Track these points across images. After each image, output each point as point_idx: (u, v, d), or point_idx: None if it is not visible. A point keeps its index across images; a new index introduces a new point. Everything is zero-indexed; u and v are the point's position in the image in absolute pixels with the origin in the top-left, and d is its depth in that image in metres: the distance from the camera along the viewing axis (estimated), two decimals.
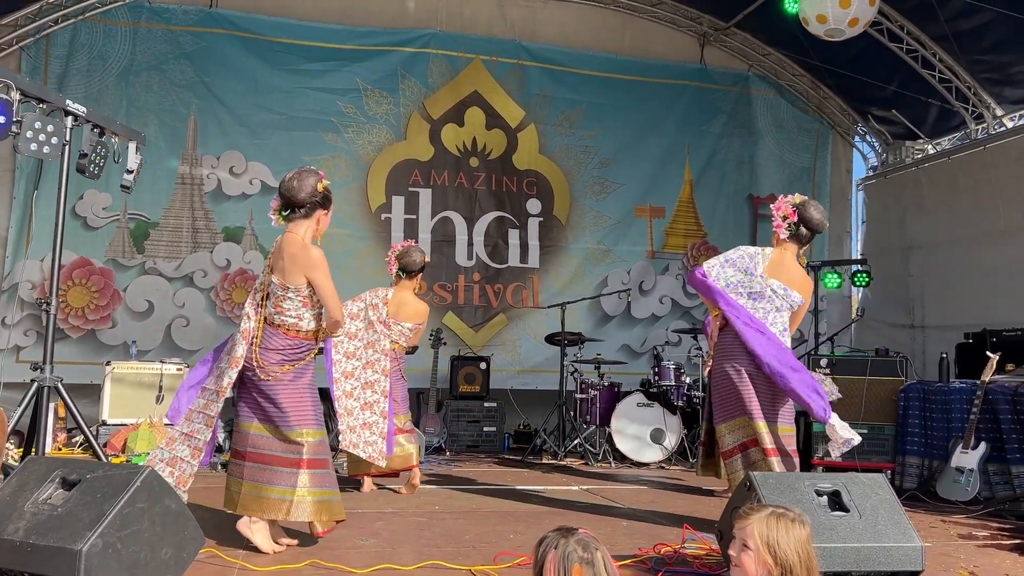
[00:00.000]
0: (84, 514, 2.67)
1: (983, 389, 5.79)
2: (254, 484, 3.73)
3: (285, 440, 3.78)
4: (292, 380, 3.83)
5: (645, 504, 5.36)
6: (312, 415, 3.85)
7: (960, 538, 4.50)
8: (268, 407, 3.83)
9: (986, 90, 8.73)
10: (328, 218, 4.02)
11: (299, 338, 3.88)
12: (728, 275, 4.69)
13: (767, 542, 2.43)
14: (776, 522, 2.44)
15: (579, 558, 2.06)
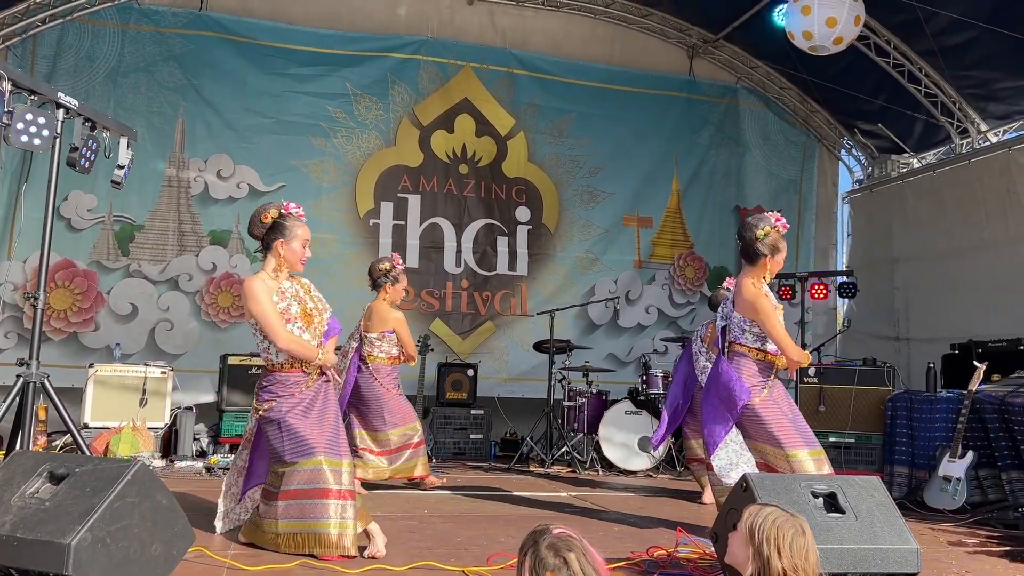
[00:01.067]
0: (73, 508, 2.61)
1: (970, 399, 5.82)
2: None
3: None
4: (277, 418, 3.75)
5: (635, 510, 5.34)
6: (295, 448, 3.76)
7: (950, 545, 4.51)
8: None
9: (971, 105, 8.83)
10: (291, 245, 3.85)
11: (279, 372, 3.82)
12: None
13: (750, 526, 2.42)
14: (769, 513, 2.43)
15: (551, 565, 2.02)
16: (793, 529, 2.40)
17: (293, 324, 3.81)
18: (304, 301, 3.92)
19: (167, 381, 7.13)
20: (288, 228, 3.88)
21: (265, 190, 8.65)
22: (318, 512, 3.56)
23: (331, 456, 3.68)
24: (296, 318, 3.82)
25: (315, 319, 3.90)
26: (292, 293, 3.88)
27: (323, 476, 3.61)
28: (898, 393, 6.79)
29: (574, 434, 7.73)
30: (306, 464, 3.64)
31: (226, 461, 6.53)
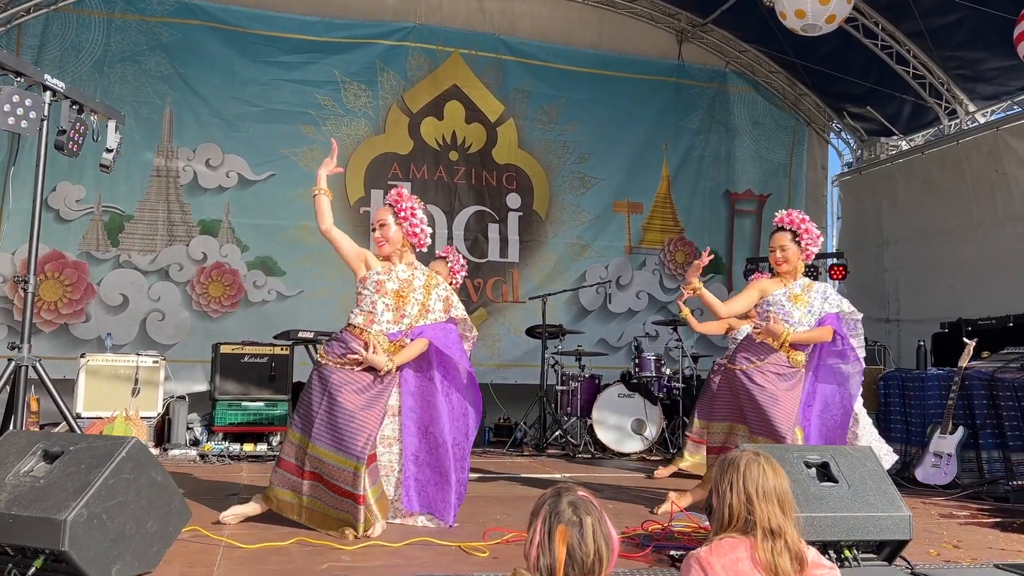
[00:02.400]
0: (68, 484, 2.60)
1: (960, 375, 5.86)
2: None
3: None
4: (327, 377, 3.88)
5: (629, 488, 5.36)
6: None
7: (942, 517, 4.54)
8: None
9: (959, 86, 8.87)
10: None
11: (346, 331, 3.94)
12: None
13: (717, 472, 2.46)
14: (730, 454, 2.47)
15: (567, 519, 2.03)
16: (748, 460, 2.42)
17: (383, 297, 3.83)
18: (408, 286, 3.89)
19: (159, 370, 7.09)
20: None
21: (254, 179, 8.63)
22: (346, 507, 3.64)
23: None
24: (387, 293, 3.84)
25: (407, 306, 3.87)
26: (400, 275, 3.89)
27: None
28: (889, 372, 6.83)
29: (567, 418, 7.75)
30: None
31: (220, 449, 6.53)
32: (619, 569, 2.97)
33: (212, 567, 2.91)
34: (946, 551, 3.57)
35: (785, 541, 2.33)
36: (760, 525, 2.34)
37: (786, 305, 4.40)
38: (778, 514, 2.36)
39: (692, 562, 2.41)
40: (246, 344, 7.28)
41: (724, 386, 4.59)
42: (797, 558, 2.34)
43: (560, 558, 1.96)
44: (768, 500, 2.36)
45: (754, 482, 2.38)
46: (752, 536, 2.36)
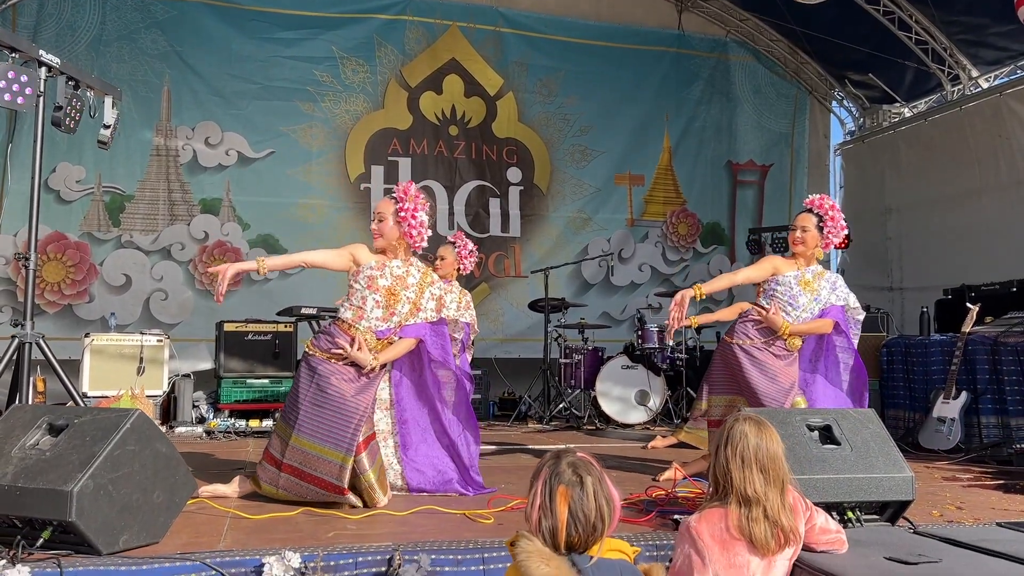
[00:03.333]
0: (74, 456, 2.62)
1: (964, 340, 5.86)
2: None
3: None
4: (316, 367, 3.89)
5: (633, 458, 5.38)
6: None
7: (945, 480, 4.56)
8: None
9: (962, 51, 8.79)
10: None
11: (336, 325, 3.92)
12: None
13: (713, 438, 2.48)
14: (729, 420, 2.48)
15: (567, 480, 2.04)
16: (732, 424, 2.43)
17: (373, 293, 3.79)
18: (401, 283, 3.85)
19: (164, 349, 7.12)
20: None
21: (254, 156, 8.61)
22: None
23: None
24: (379, 290, 3.80)
25: (398, 304, 3.83)
26: (394, 270, 3.86)
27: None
28: (893, 338, 6.83)
29: (571, 390, 7.77)
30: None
31: (226, 425, 6.57)
32: (624, 533, 2.99)
33: (219, 537, 2.94)
34: (949, 512, 3.59)
35: (764, 510, 2.33)
36: (736, 491, 2.36)
37: (794, 288, 4.38)
38: (756, 480, 2.35)
39: (683, 530, 2.43)
40: (250, 322, 7.30)
41: (720, 360, 4.59)
42: (778, 528, 2.34)
43: (562, 518, 1.98)
44: (747, 465, 2.36)
45: (733, 446, 2.39)
46: (729, 503, 2.37)
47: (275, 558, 2.54)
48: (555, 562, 1.92)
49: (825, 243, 4.47)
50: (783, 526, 2.35)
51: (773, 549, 2.35)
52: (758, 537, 2.31)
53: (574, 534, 1.99)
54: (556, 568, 1.90)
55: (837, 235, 4.47)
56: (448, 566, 2.69)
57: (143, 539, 2.72)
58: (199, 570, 2.52)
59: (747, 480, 2.35)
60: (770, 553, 2.34)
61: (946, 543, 2.73)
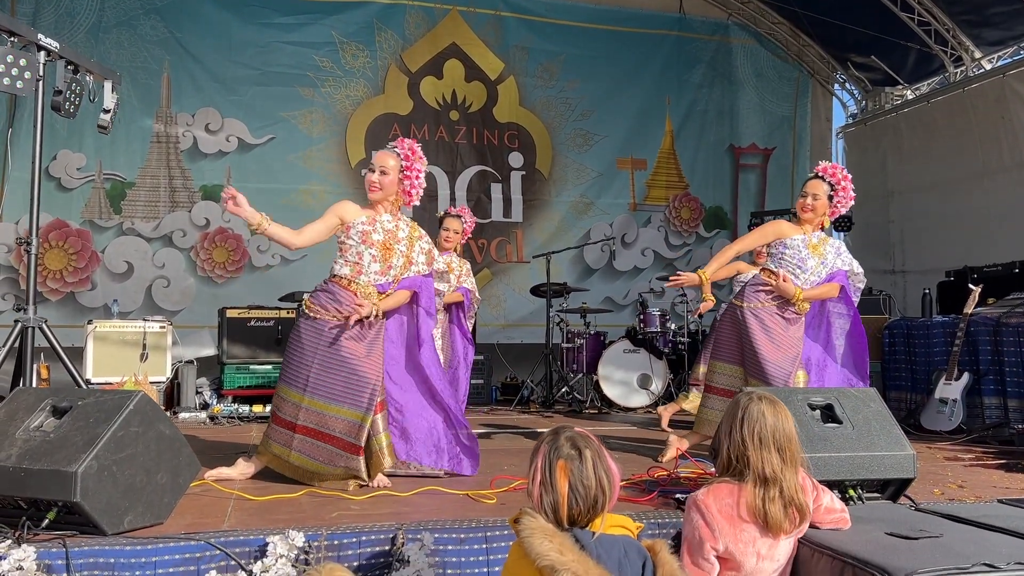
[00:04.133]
0: (78, 438, 2.63)
1: (966, 321, 5.86)
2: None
3: None
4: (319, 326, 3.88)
5: (635, 439, 5.40)
6: None
7: (947, 460, 4.57)
8: None
9: (964, 32, 8.74)
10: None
11: (334, 283, 3.89)
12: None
13: (724, 415, 2.49)
14: (737, 397, 2.49)
15: (565, 454, 2.05)
16: (748, 404, 2.43)
17: (369, 248, 3.78)
18: (393, 237, 3.84)
19: (167, 335, 7.13)
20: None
21: (255, 142, 8.60)
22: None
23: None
24: (374, 244, 3.79)
25: (392, 258, 3.82)
26: (385, 224, 3.84)
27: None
28: (895, 320, 6.83)
29: (573, 375, 7.78)
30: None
31: (229, 411, 6.59)
32: (626, 511, 3.00)
33: (223, 518, 2.95)
34: (950, 491, 3.59)
35: (781, 489, 2.34)
36: (753, 471, 2.36)
37: (802, 252, 4.37)
38: (774, 460, 2.36)
39: (691, 503, 2.44)
40: (252, 308, 7.30)
41: (728, 324, 4.51)
42: (794, 506, 2.35)
43: (563, 492, 1.99)
44: (764, 446, 2.37)
45: (751, 426, 2.40)
46: (745, 482, 2.38)
47: (279, 537, 2.55)
48: (558, 538, 1.93)
49: (832, 211, 4.46)
50: (798, 505, 2.36)
51: (787, 529, 2.36)
52: (775, 517, 2.32)
53: (575, 507, 2.00)
54: (559, 544, 1.91)
55: (845, 204, 4.46)
56: (451, 544, 2.70)
57: (147, 520, 2.73)
58: (203, 549, 2.53)
59: (765, 460, 2.36)
60: (783, 533, 2.35)
61: (947, 519, 2.74)
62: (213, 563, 2.52)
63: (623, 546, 2.02)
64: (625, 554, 1.99)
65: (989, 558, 2.19)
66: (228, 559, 2.53)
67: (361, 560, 2.64)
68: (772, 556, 2.38)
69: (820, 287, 4.39)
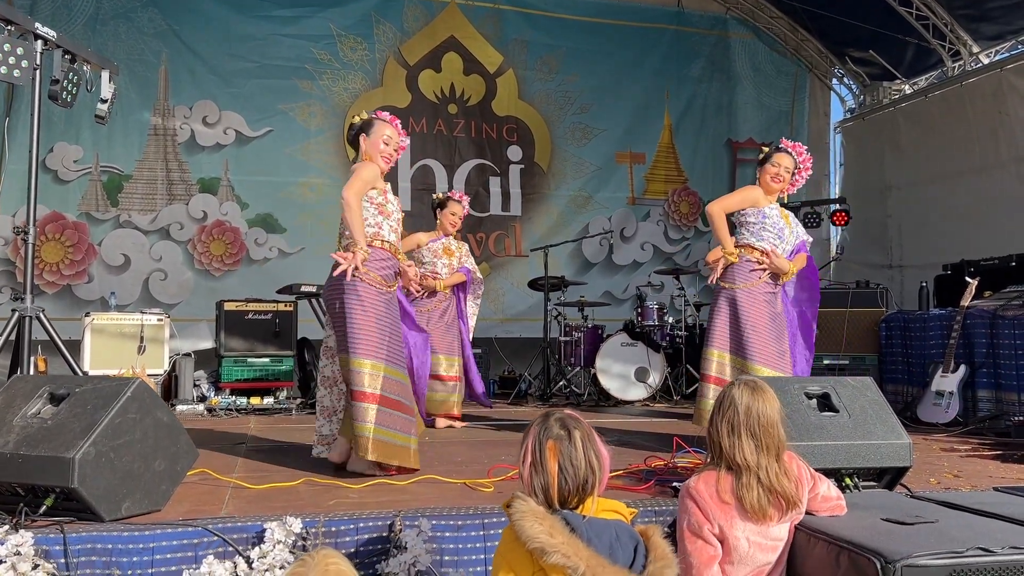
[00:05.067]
0: (75, 424, 2.64)
1: (963, 313, 5.87)
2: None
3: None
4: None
5: (632, 431, 5.40)
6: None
7: (943, 451, 4.58)
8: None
9: (963, 26, 8.74)
10: (371, 138, 4.05)
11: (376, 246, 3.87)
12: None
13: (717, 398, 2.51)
14: (726, 386, 2.50)
15: (555, 435, 2.07)
16: (728, 391, 2.45)
17: (387, 219, 3.89)
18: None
19: (164, 328, 7.12)
20: (371, 124, 4.04)
21: (252, 135, 8.59)
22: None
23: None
24: (391, 215, 3.91)
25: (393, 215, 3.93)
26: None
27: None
28: (891, 313, 6.84)
29: (571, 368, 7.79)
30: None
31: (227, 403, 6.59)
32: (622, 499, 3.01)
33: (220, 505, 2.95)
34: (946, 480, 3.60)
35: (757, 477, 2.35)
36: (726, 459, 2.38)
37: (779, 223, 4.42)
38: (745, 448, 2.37)
39: (684, 491, 2.46)
40: (250, 301, 7.30)
41: (724, 309, 4.45)
42: (776, 494, 2.35)
43: (553, 472, 2.01)
44: (734, 433, 2.37)
45: (724, 414, 2.41)
46: (721, 469, 2.40)
47: (276, 524, 2.55)
48: (549, 521, 1.93)
49: (791, 186, 4.53)
50: (783, 493, 2.36)
51: (772, 516, 2.37)
52: (752, 504, 2.33)
53: (565, 487, 2.02)
54: (550, 526, 1.91)
55: (799, 184, 4.58)
56: (449, 531, 2.70)
57: (145, 506, 2.73)
58: (201, 535, 2.54)
59: (736, 447, 2.37)
60: (768, 520, 2.36)
61: (943, 506, 2.75)
62: (211, 549, 2.53)
63: (615, 530, 2.03)
64: (617, 538, 2.00)
65: (984, 542, 2.20)
66: (226, 545, 2.53)
67: (358, 546, 2.65)
68: (763, 541, 2.39)
69: (799, 257, 4.44)
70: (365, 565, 2.61)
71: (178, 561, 2.50)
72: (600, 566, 1.88)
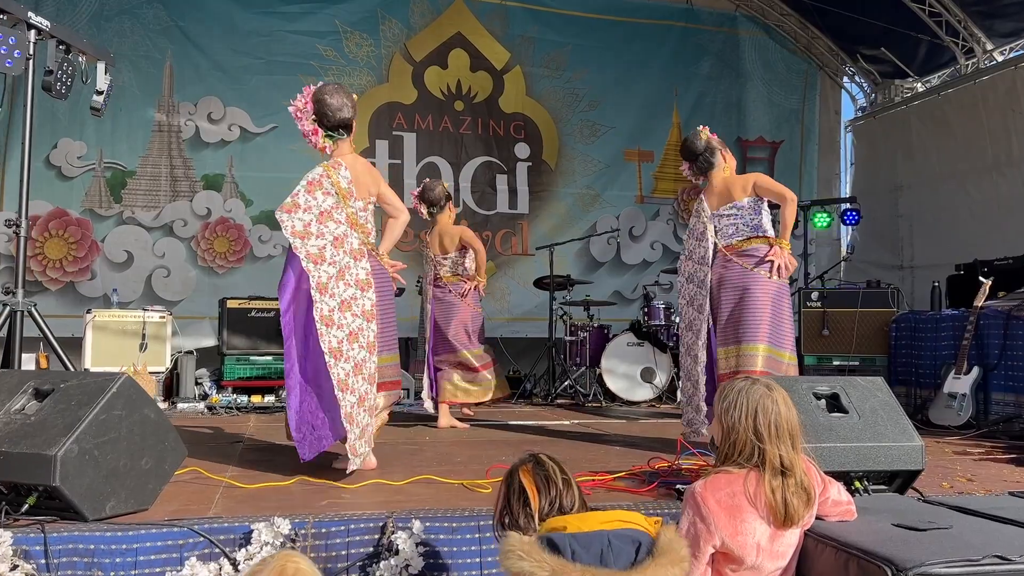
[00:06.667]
0: (59, 421, 2.56)
1: (976, 314, 5.75)
2: None
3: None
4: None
5: (637, 432, 5.31)
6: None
7: (955, 455, 4.47)
8: None
9: (976, 23, 8.60)
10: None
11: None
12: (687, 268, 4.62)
13: (718, 398, 2.41)
14: (735, 382, 2.41)
15: (523, 461, 2.14)
16: (757, 393, 2.35)
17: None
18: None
19: (166, 325, 7.07)
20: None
21: (257, 131, 8.54)
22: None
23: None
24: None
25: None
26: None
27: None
28: (902, 314, 6.71)
29: (576, 368, 7.69)
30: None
31: (228, 401, 6.52)
32: (624, 502, 2.92)
33: (210, 505, 2.88)
34: (960, 483, 3.50)
35: (796, 479, 2.27)
36: (770, 463, 2.27)
37: None
38: (789, 451, 2.29)
39: (688, 496, 2.35)
40: (253, 299, 7.24)
41: (756, 298, 4.34)
42: (807, 494, 2.29)
43: (531, 491, 2.01)
44: (780, 437, 2.28)
45: (766, 416, 2.30)
46: (757, 471, 2.29)
47: (264, 525, 2.47)
48: (530, 550, 1.87)
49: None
50: (808, 491, 2.29)
51: (801, 520, 2.28)
52: (794, 507, 2.24)
53: (544, 502, 2.01)
54: (534, 558, 1.85)
55: None
56: (443, 533, 2.62)
57: (131, 506, 2.66)
58: (186, 536, 2.46)
59: (781, 451, 2.28)
60: (793, 524, 2.26)
61: (957, 511, 2.64)
62: (196, 550, 2.45)
63: (607, 538, 1.95)
64: (608, 544, 1.93)
65: (1001, 550, 2.10)
66: (211, 546, 2.45)
67: (349, 549, 2.56)
68: (774, 549, 2.29)
69: None
70: (356, 568, 2.52)
71: (162, 563, 2.42)
72: (589, 573, 1.83)
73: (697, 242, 4.54)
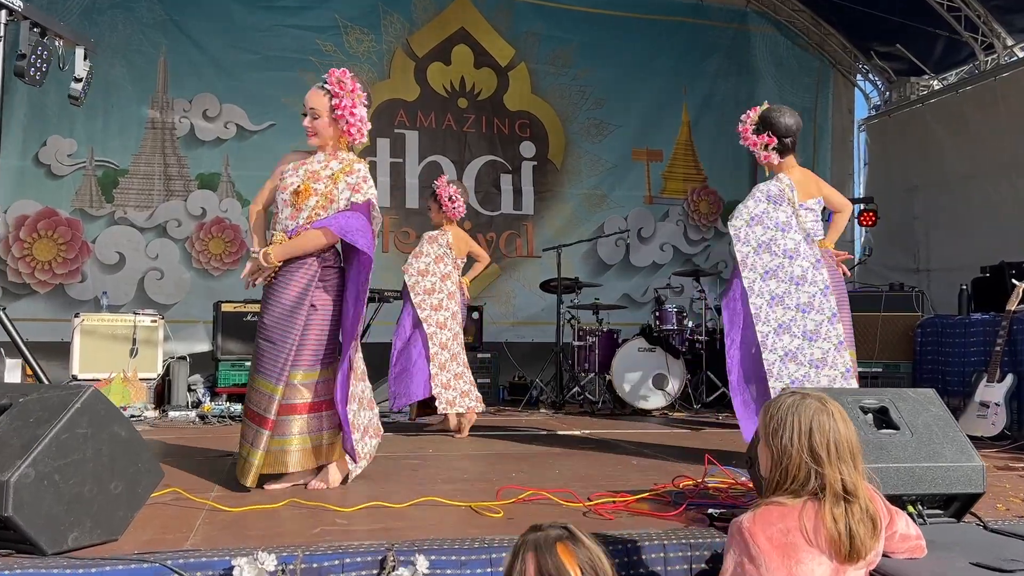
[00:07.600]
0: (14, 440, 2.26)
1: (1009, 319, 5.45)
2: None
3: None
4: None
5: (653, 443, 5.00)
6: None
7: (998, 470, 4.17)
8: None
9: (996, 19, 8.31)
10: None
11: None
12: (757, 234, 4.22)
13: (763, 417, 2.10)
14: (783, 398, 2.09)
15: (556, 535, 1.77)
16: (811, 408, 2.03)
17: (282, 192, 3.45)
18: (314, 177, 3.43)
19: (158, 330, 6.78)
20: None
21: (254, 129, 8.27)
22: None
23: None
24: (287, 188, 3.44)
25: (307, 199, 3.38)
26: (311, 167, 3.47)
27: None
28: (928, 318, 6.42)
29: (585, 375, 7.39)
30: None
31: (220, 409, 6.22)
32: (653, 530, 2.62)
33: (189, 532, 2.57)
34: (1015, 505, 3.19)
35: (861, 505, 1.96)
36: (831, 488, 1.96)
37: None
38: (851, 472, 1.97)
39: (734, 531, 2.04)
40: (248, 302, 6.94)
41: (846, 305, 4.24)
42: (873, 523, 1.97)
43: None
44: (841, 457, 1.97)
45: (823, 435, 1.99)
46: (815, 501, 1.98)
47: (246, 560, 2.17)
48: None
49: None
50: (876, 525, 1.97)
51: (868, 554, 1.95)
52: (861, 538, 1.92)
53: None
54: None
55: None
56: (450, 568, 2.32)
57: (97, 536, 2.35)
58: (158, 573, 2.15)
59: (843, 473, 1.96)
60: (859, 559, 1.94)
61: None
62: None
63: None
64: None
65: None
66: None
67: None
68: None
69: None
70: None
71: None
72: None
73: (782, 233, 4.16)
